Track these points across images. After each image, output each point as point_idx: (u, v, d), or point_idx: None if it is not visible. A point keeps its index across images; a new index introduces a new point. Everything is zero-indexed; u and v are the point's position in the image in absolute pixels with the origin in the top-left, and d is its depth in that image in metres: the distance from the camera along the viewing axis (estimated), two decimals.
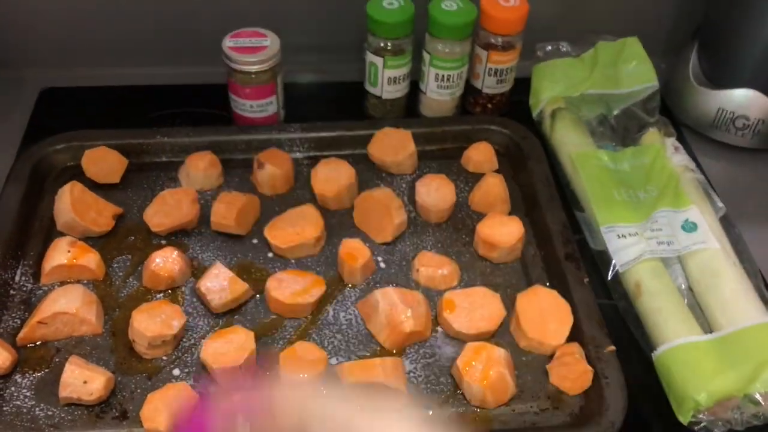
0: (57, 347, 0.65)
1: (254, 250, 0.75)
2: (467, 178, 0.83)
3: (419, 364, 0.66)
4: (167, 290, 0.70)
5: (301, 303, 0.68)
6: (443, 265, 0.72)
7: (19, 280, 0.70)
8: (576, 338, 0.66)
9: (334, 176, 0.78)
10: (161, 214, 0.74)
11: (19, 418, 0.60)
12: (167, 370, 0.64)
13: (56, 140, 0.81)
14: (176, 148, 0.83)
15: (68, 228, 0.73)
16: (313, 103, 0.94)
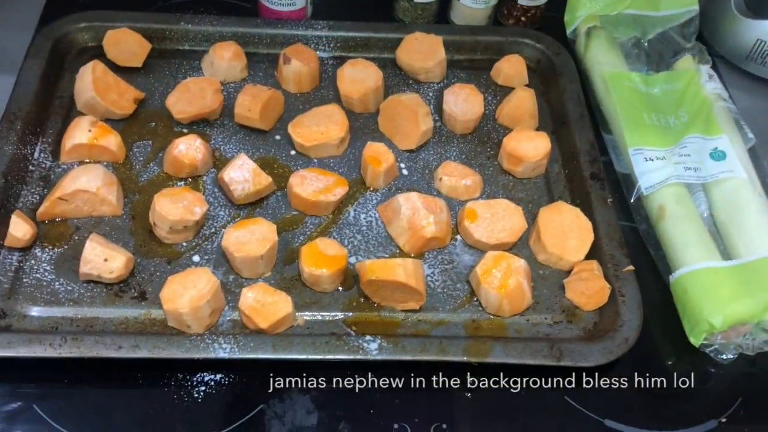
0: (77, 225, 0.65)
1: (277, 146, 0.74)
2: (496, 91, 0.81)
3: (437, 269, 0.66)
4: (188, 178, 0.69)
5: (323, 201, 0.67)
6: (466, 176, 0.71)
7: (38, 156, 0.69)
8: (595, 256, 0.66)
9: (360, 78, 0.77)
10: (184, 101, 0.72)
11: (39, 290, 0.61)
12: (187, 256, 0.64)
13: (78, 18, 0.79)
14: (200, 36, 0.80)
15: (89, 108, 0.72)
16: (341, 1, 0.91)
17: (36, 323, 0.59)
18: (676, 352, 0.64)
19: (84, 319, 0.59)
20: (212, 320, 0.59)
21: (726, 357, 0.62)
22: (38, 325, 0.59)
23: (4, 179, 0.65)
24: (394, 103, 0.75)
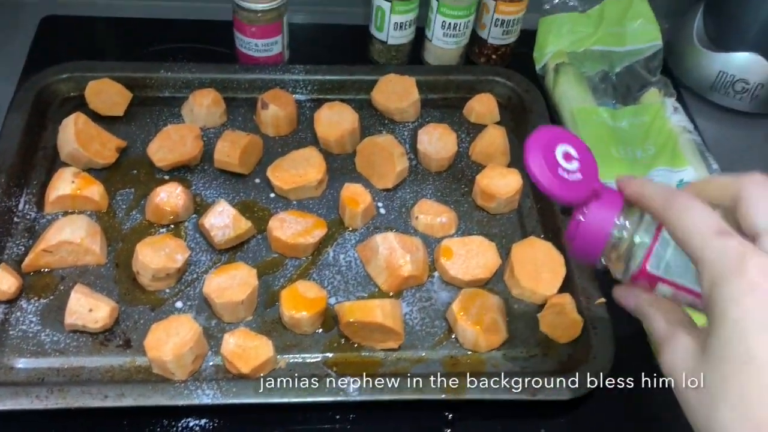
0: (62, 275, 0.67)
1: (256, 189, 0.76)
2: (469, 128, 0.84)
3: (415, 307, 0.68)
4: (170, 225, 0.71)
5: (302, 243, 0.69)
6: (442, 213, 0.73)
7: (23, 208, 0.71)
8: (568, 290, 0.68)
9: (337, 120, 0.79)
10: (165, 149, 0.74)
11: (25, 342, 0.62)
12: (170, 303, 0.66)
13: (60, 69, 0.81)
14: (180, 83, 0.83)
15: (72, 159, 0.73)
16: (317, 45, 0.94)
17: (22, 375, 0.60)
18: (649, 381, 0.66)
19: (70, 369, 0.61)
20: (195, 366, 0.61)
21: None
22: (25, 376, 0.60)
23: None
24: (370, 145, 0.77)
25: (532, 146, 0.44)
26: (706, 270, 0.37)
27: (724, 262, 0.37)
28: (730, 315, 0.36)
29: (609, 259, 0.44)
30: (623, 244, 0.43)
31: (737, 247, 0.37)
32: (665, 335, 0.42)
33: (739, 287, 0.36)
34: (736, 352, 0.35)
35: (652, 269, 0.42)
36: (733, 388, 0.35)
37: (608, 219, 0.43)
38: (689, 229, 0.39)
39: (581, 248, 0.45)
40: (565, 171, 0.44)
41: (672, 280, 0.42)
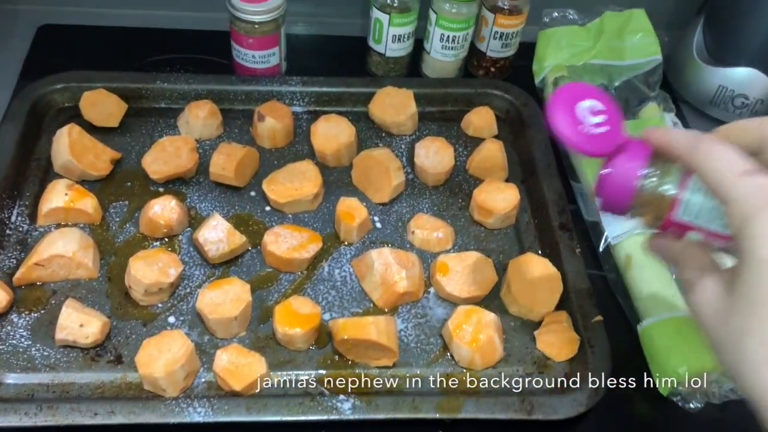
0: (53, 289, 0.66)
1: (252, 202, 0.75)
2: (466, 141, 0.83)
3: (410, 323, 0.67)
4: (164, 238, 0.70)
5: (297, 258, 0.68)
6: (438, 228, 0.73)
7: (15, 220, 0.70)
8: (565, 307, 0.68)
9: (333, 133, 0.78)
10: (160, 161, 0.74)
11: (15, 357, 0.61)
12: (162, 318, 0.65)
13: (55, 80, 0.80)
14: (175, 94, 0.82)
15: (65, 170, 0.73)
16: (314, 56, 0.94)
17: (12, 390, 0.59)
18: (646, 400, 0.65)
19: (60, 385, 0.60)
20: (187, 383, 0.60)
21: (694, 405, 0.63)
22: (14, 392, 0.59)
23: None
24: (367, 159, 0.76)
25: (555, 103, 0.44)
26: (735, 209, 0.37)
27: (752, 199, 0.37)
28: (758, 252, 0.36)
29: (638, 210, 0.44)
30: (651, 194, 0.43)
31: (765, 184, 0.37)
32: (694, 278, 0.42)
33: (765, 224, 0.36)
34: (763, 289, 0.36)
35: (682, 217, 0.42)
36: (760, 324, 0.36)
37: (635, 170, 0.43)
38: (716, 170, 0.39)
39: (610, 200, 0.45)
40: (590, 125, 0.44)
41: (702, 226, 0.42)
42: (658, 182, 0.43)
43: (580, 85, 0.46)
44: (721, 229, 0.42)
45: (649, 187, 0.43)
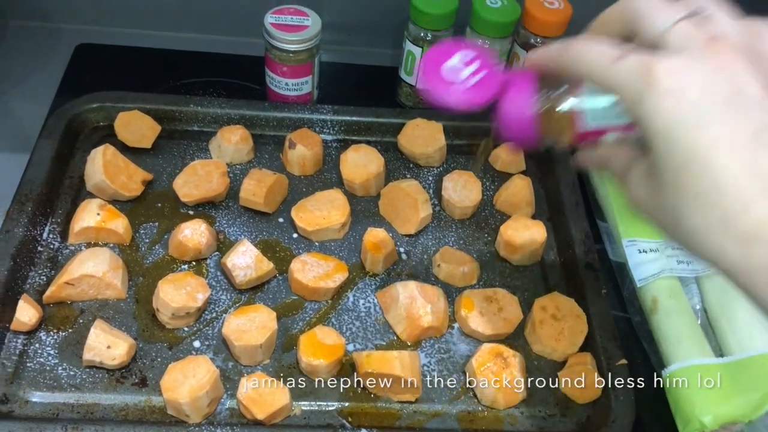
0: (81, 308, 0.67)
1: (280, 229, 0.76)
2: (494, 176, 0.84)
3: (434, 358, 0.67)
4: (192, 261, 0.71)
5: (323, 287, 0.69)
6: (464, 263, 0.73)
7: (47, 237, 0.71)
8: (589, 348, 0.68)
9: (363, 163, 0.79)
10: (191, 184, 0.75)
11: (42, 375, 0.62)
12: (188, 342, 0.65)
13: (91, 99, 0.81)
14: (208, 118, 0.83)
15: (98, 190, 0.74)
16: (346, 85, 0.94)
17: (37, 409, 0.60)
18: None
19: (85, 405, 0.60)
20: (210, 409, 0.60)
21: None
22: (39, 410, 0.60)
23: (13, 261, 0.66)
24: (395, 190, 0.77)
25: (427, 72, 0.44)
26: (624, 96, 0.37)
27: (633, 80, 0.36)
28: (658, 126, 0.35)
29: (547, 137, 0.43)
30: (551, 116, 0.42)
31: (638, 61, 0.36)
32: (622, 174, 0.42)
33: (655, 97, 0.35)
34: (676, 160, 0.35)
35: (588, 125, 0.42)
36: (685, 193, 0.35)
37: (527, 100, 0.42)
38: (592, 67, 0.38)
39: (516, 138, 0.44)
40: (467, 77, 0.43)
41: (609, 125, 0.41)
42: (553, 102, 0.42)
43: (443, 45, 0.45)
44: (626, 120, 0.41)
45: (547, 110, 0.42)
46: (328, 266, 0.70)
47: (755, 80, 0.35)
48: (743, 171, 0.33)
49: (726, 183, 0.33)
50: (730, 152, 0.33)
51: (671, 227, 0.37)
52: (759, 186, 0.33)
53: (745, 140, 0.33)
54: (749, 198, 0.33)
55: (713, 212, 0.34)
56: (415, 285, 0.68)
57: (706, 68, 0.35)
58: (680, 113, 0.34)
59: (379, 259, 0.72)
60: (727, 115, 0.34)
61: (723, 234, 0.34)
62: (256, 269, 0.68)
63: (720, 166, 0.33)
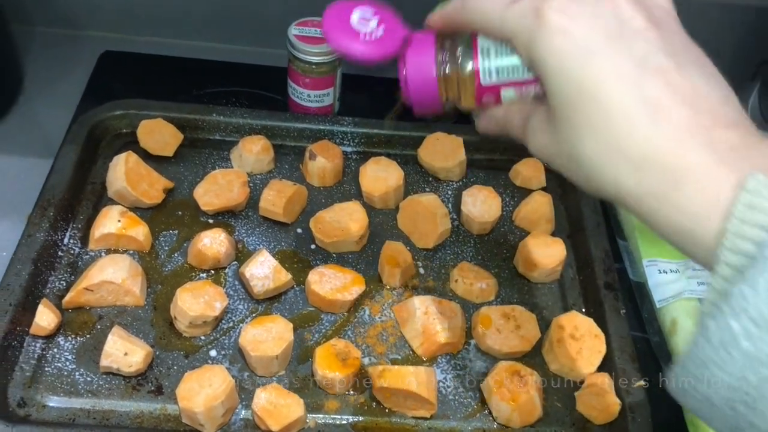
0: (100, 314, 0.67)
1: (298, 239, 0.76)
2: (513, 192, 0.83)
3: (449, 374, 0.67)
4: (210, 270, 0.71)
5: (339, 299, 0.68)
6: (482, 279, 0.73)
7: (68, 242, 0.72)
8: (607, 368, 0.67)
9: (382, 176, 0.79)
10: (211, 193, 0.75)
11: (59, 380, 0.62)
12: (204, 351, 0.66)
13: (114, 106, 0.82)
14: (230, 127, 0.84)
15: (119, 196, 0.74)
16: (367, 96, 0.94)
17: (54, 414, 0.60)
18: None
19: (101, 412, 0.61)
20: (225, 419, 0.60)
21: None
22: (56, 415, 0.60)
23: (34, 266, 0.67)
24: (414, 204, 0.77)
25: (327, 22, 0.44)
26: (517, 43, 0.38)
27: (525, 23, 0.37)
28: (550, 65, 0.36)
29: (449, 97, 0.44)
30: (452, 75, 0.42)
31: (529, 3, 0.37)
32: (521, 126, 0.42)
33: (546, 36, 0.36)
34: (569, 94, 0.35)
35: (487, 81, 0.42)
36: (580, 124, 0.35)
37: (428, 60, 0.43)
38: (485, 15, 0.39)
39: (420, 100, 0.44)
40: (368, 32, 0.43)
41: (507, 80, 0.42)
42: (453, 60, 0.42)
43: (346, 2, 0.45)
44: (524, 74, 0.41)
45: (447, 68, 0.42)
46: (346, 278, 0.70)
47: (638, 14, 0.35)
48: (631, 98, 0.34)
49: (615, 111, 0.34)
50: (617, 81, 0.34)
51: (571, 165, 0.38)
52: (645, 111, 0.33)
53: (631, 69, 0.34)
54: (638, 124, 0.34)
55: (605, 141, 0.35)
56: (432, 300, 0.68)
57: (593, 5, 0.36)
58: (569, 49, 0.35)
59: (397, 272, 0.71)
60: (613, 47, 0.35)
61: (616, 161, 0.34)
62: (273, 280, 0.68)
63: (608, 96, 0.34)
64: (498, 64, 0.41)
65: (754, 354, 0.28)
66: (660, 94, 0.33)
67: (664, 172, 0.33)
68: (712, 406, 0.31)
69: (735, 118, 0.34)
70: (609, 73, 0.34)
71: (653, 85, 0.34)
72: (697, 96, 0.34)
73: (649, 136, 0.33)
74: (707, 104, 0.33)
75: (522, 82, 0.41)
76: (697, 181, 0.32)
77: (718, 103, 0.34)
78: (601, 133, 0.35)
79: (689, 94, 0.33)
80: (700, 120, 0.33)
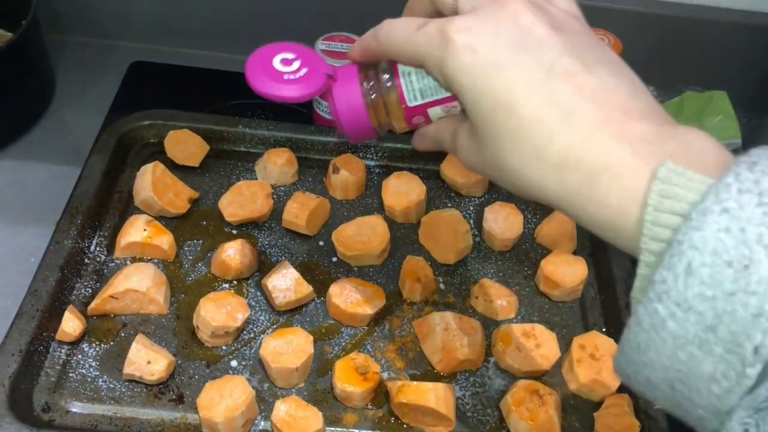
0: (124, 322, 0.68)
1: (320, 252, 0.76)
2: (535, 209, 0.83)
3: (468, 391, 0.67)
4: (233, 281, 0.72)
5: (360, 313, 0.69)
6: (503, 297, 0.73)
7: (94, 250, 0.73)
8: (627, 389, 0.66)
9: (404, 191, 0.79)
10: (236, 204, 0.76)
11: (83, 386, 0.63)
12: (225, 361, 0.66)
13: (142, 116, 0.84)
14: (255, 139, 0.85)
15: (145, 205, 0.76)
16: None
17: (77, 419, 0.61)
18: None
19: (122, 419, 0.61)
20: (245, 430, 0.61)
21: None
22: (79, 421, 0.61)
23: (61, 273, 0.68)
24: (435, 219, 0.77)
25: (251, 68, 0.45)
26: (429, 66, 0.39)
27: (434, 45, 0.38)
28: (462, 82, 0.37)
29: (381, 123, 0.45)
30: (379, 101, 0.44)
31: (435, 27, 0.38)
32: (451, 141, 0.43)
33: (454, 55, 0.36)
34: (485, 109, 0.36)
35: (412, 103, 0.43)
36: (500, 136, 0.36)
37: (355, 92, 0.44)
38: (399, 43, 0.40)
39: (353, 130, 0.46)
40: (290, 74, 0.45)
41: (431, 99, 0.43)
42: (378, 87, 0.44)
43: (267, 46, 0.46)
44: (446, 92, 0.42)
45: (374, 96, 0.44)
46: (367, 292, 0.70)
47: (540, 21, 0.36)
48: (542, 104, 0.35)
49: (528, 119, 0.35)
50: (528, 90, 0.35)
51: (499, 175, 0.39)
52: (558, 115, 0.34)
53: (539, 76, 0.35)
54: (552, 128, 0.34)
55: (525, 149, 0.35)
56: (453, 316, 0.68)
57: (494, 19, 0.37)
58: (478, 64, 0.36)
59: (417, 287, 0.72)
60: (519, 56, 0.35)
61: (538, 167, 0.35)
62: (295, 292, 0.69)
63: (521, 105, 0.35)
64: (420, 86, 0.43)
65: (680, 334, 0.29)
66: (569, 97, 0.34)
67: (582, 171, 0.34)
68: (653, 386, 0.32)
69: (645, 111, 0.34)
70: (518, 83, 0.35)
71: (562, 88, 0.35)
72: (607, 93, 0.35)
73: (564, 139, 0.34)
74: (616, 100, 0.34)
75: (446, 99, 0.43)
76: (613, 175, 0.33)
77: (627, 97, 0.35)
78: (519, 141, 0.36)
79: (598, 93, 0.34)
80: (611, 116, 0.34)
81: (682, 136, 0.33)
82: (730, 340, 0.28)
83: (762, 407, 0.28)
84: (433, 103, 0.43)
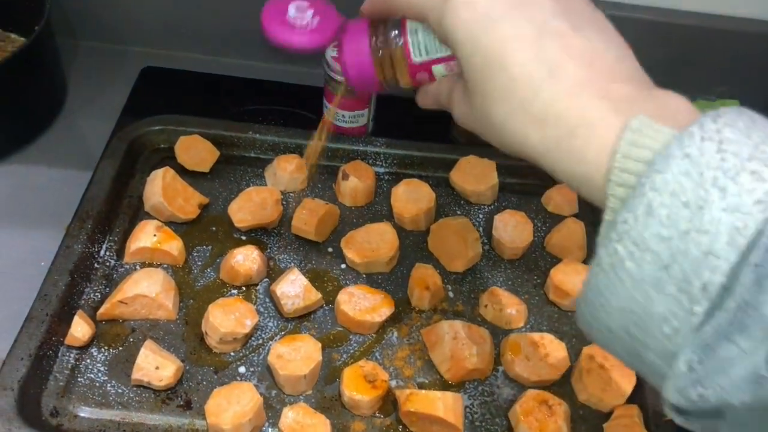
0: (132, 327, 0.68)
1: (328, 258, 0.76)
2: (545, 217, 0.83)
3: (477, 400, 0.67)
4: (242, 287, 0.72)
5: (368, 321, 0.69)
6: (512, 305, 0.72)
7: (104, 254, 0.73)
8: (637, 400, 0.66)
9: (414, 198, 0.79)
10: (245, 210, 0.76)
11: (91, 391, 0.63)
12: (233, 367, 0.66)
13: (153, 121, 0.84)
14: (265, 145, 0.85)
15: (155, 211, 0.76)
16: (401, 118, 0.95)
17: (85, 424, 0.61)
18: None
19: (130, 424, 0.61)
20: None
21: None
22: (87, 426, 0.61)
23: (71, 277, 0.68)
24: (444, 227, 0.77)
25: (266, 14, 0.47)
26: (430, 20, 0.40)
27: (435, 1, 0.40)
28: (459, 37, 0.38)
29: (387, 78, 0.47)
30: (386, 56, 0.45)
31: None
32: (447, 97, 0.44)
33: (453, 11, 0.38)
34: (478, 63, 0.38)
35: (416, 59, 0.45)
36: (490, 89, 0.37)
37: (364, 46, 0.46)
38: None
39: (360, 82, 0.47)
40: (304, 23, 0.46)
41: (434, 57, 0.45)
42: (386, 42, 0.45)
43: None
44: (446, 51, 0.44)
45: (381, 51, 0.45)
46: (375, 300, 0.70)
47: None
48: (531, 60, 0.36)
49: (518, 73, 0.36)
50: (519, 46, 0.36)
51: (486, 129, 0.40)
52: (545, 71, 0.36)
53: (531, 34, 0.36)
54: (538, 83, 0.36)
55: (513, 102, 0.37)
56: (462, 325, 0.68)
57: None
58: (475, 20, 0.38)
59: (426, 295, 0.72)
60: (514, 13, 0.37)
61: (523, 121, 0.36)
62: (304, 299, 0.69)
63: (512, 60, 0.36)
64: (426, 43, 0.44)
65: (637, 274, 0.30)
66: (557, 55, 0.36)
67: (562, 125, 0.35)
68: (611, 334, 0.33)
69: (630, 74, 0.36)
70: (510, 38, 0.37)
71: (551, 46, 0.36)
72: (594, 55, 0.36)
73: (547, 94, 0.35)
74: (603, 62, 0.36)
75: (448, 58, 0.44)
76: (592, 129, 0.34)
77: (614, 61, 0.36)
78: (507, 95, 0.37)
79: (586, 54, 0.36)
80: (596, 76, 0.35)
81: (660, 97, 0.34)
82: (681, 278, 0.29)
83: (707, 344, 0.28)
84: (436, 61, 0.45)
